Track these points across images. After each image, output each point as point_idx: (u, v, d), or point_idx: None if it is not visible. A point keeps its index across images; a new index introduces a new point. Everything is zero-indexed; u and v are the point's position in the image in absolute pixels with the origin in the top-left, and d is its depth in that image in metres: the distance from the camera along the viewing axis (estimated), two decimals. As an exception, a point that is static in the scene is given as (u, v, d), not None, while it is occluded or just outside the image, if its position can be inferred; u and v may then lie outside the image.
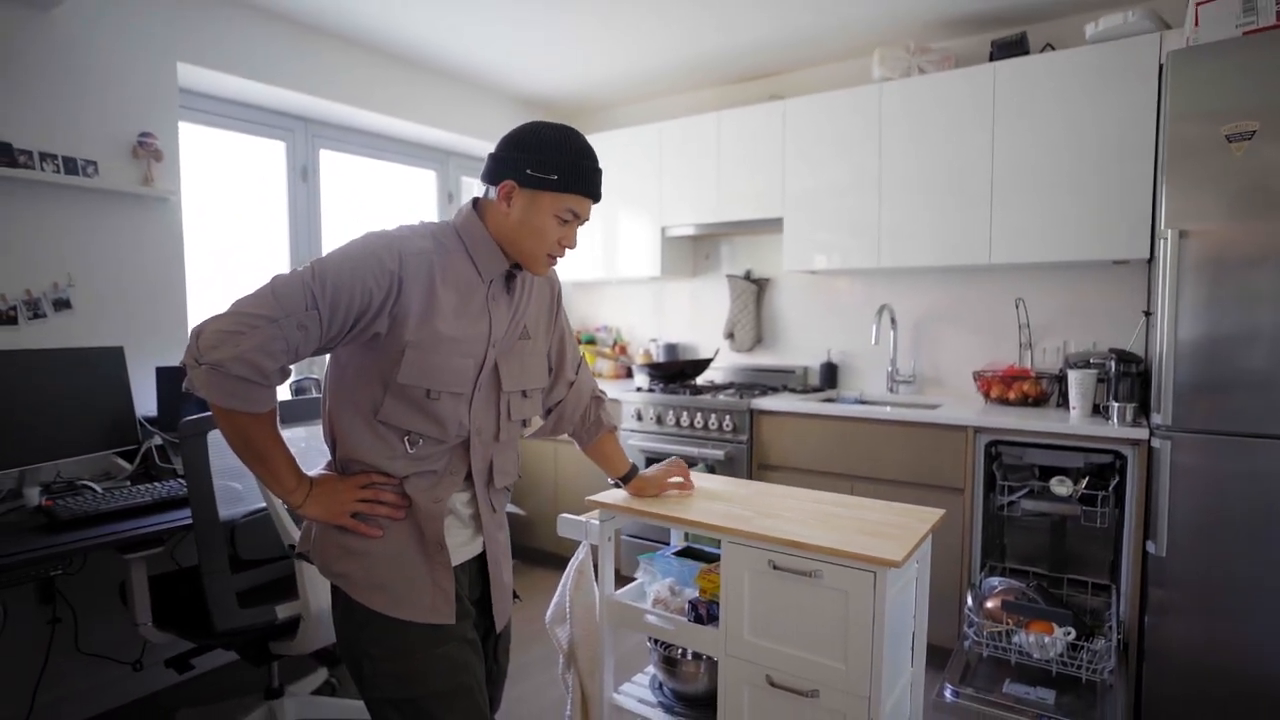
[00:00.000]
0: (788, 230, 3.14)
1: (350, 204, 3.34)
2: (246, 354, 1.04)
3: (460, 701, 1.19)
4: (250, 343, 1.05)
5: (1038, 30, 2.82)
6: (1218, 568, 2.01)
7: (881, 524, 1.44)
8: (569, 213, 1.22)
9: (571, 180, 1.20)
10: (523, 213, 1.21)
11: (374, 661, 1.18)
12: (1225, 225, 1.97)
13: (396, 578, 1.19)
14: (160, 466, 2.22)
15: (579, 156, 1.20)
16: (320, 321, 1.09)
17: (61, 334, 2.23)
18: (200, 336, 1.06)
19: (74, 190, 2.25)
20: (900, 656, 1.47)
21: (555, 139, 1.20)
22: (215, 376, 1.04)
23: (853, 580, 1.29)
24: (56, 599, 2.18)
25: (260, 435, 1.14)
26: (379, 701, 1.19)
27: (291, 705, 2.14)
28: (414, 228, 1.23)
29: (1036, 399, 2.68)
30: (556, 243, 1.23)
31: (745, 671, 1.43)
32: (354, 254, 1.13)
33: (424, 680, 1.18)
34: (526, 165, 1.19)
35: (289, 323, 1.07)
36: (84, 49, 2.26)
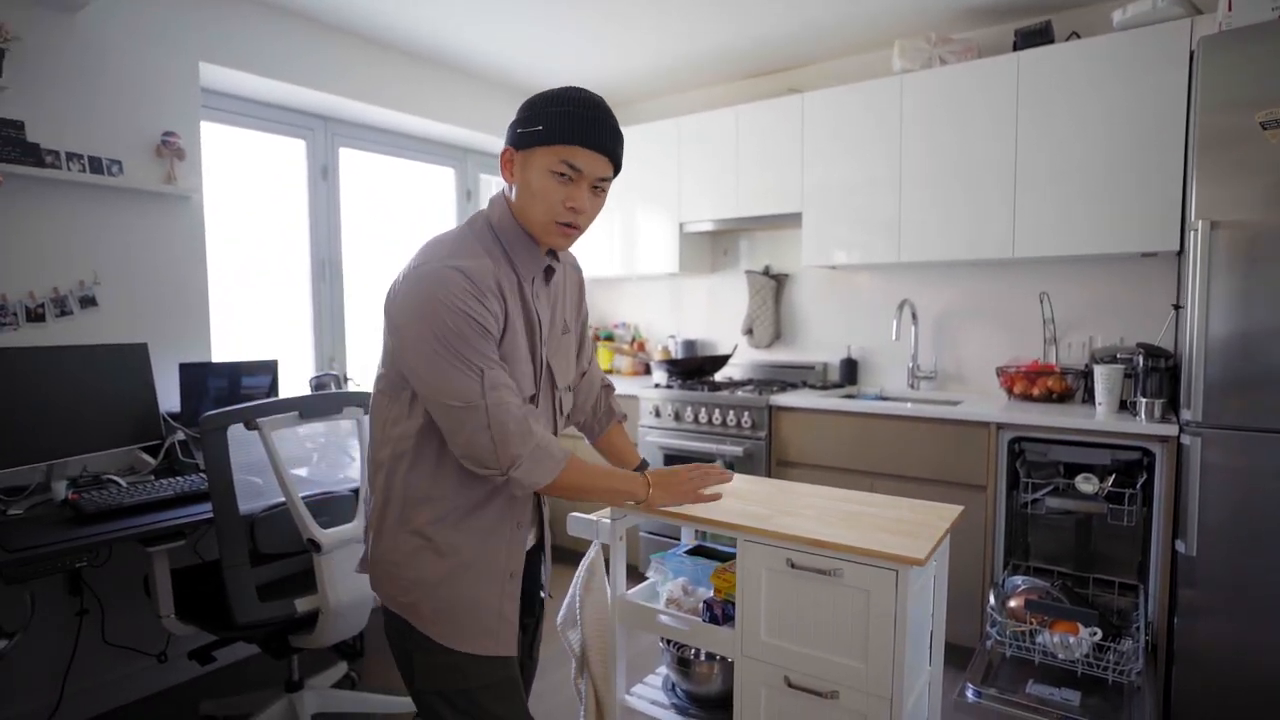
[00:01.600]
0: (807, 225, 3.11)
1: (370, 202, 3.37)
2: (506, 441, 1.09)
3: (508, 692, 1.21)
4: (497, 434, 1.09)
5: (1063, 18, 2.76)
6: (1250, 568, 1.96)
7: (901, 521, 1.42)
8: (565, 165, 1.12)
9: (558, 128, 1.10)
10: (522, 177, 1.15)
11: (427, 654, 1.18)
12: (1259, 215, 1.91)
13: (465, 613, 1.19)
14: (183, 461, 2.25)
15: (570, 105, 1.12)
16: (496, 365, 1.12)
17: (87, 331, 2.27)
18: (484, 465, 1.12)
19: (99, 189, 2.29)
20: (919, 656, 1.44)
21: (546, 94, 1.13)
22: (518, 472, 1.11)
23: (874, 579, 1.27)
24: (84, 591, 2.22)
25: (582, 477, 1.21)
26: (429, 694, 1.19)
27: (311, 698, 2.16)
28: (457, 248, 1.15)
29: (1061, 395, 2.62)
30: (562, 205, 1.14)
31: (762, 672, 1.41)
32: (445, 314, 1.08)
33: (476, 673, 1.19)
34: (517, 125, 1.15)
35: (490, 395, 1.09)
36: (108, 50, 2.30)
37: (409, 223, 3.56)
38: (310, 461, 2.10)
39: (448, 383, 1.08)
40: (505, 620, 1.22)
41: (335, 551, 1.88)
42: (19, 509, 1.88)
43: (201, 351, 2.57)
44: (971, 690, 2.02)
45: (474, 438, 1.09)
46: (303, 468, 2.05)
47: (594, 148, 1.13)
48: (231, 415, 1.74)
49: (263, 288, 2.99)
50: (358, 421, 2.00)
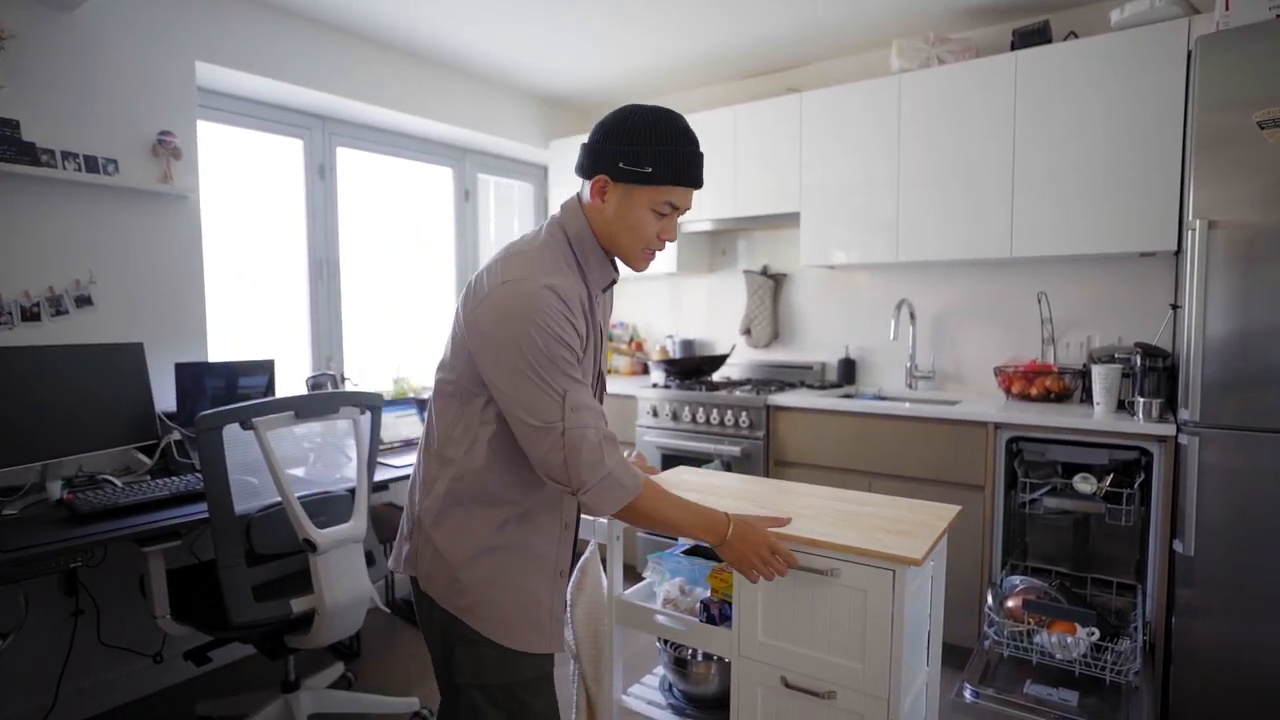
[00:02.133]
0: (805, 225, 3.10)
1: (367, 202, 3.36)
2: (579, 466, 1.10)
3: (545, 687, 1.25)
4: (570, 457, 1.10)
5: (1061, 18, 2.76)
6: (1248, 567, 1.95)
7: (899, 521, 1.42)
8: (666, 205, 1.17)
9: (667, 172, 1.14)
10: (618, 208, 1.17)
11: (471, 647, 1.19)
12: (1257, 215, 1.91)
13: (519, 612, 1.21)
14: (179, 461, 2.25)
15: (675, 143, 1.14)
16: (579, 385, 1.13)
17: (83, 331, 2.26)
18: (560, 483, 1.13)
19: (95, 188, 2.28)
20: (917, 656, 1.44)
21: (648, 127, 1.13)
22: (585, 496, 1.13)
23: (872, 579, 1.27)
24: (79, 591, 2.21)
25: (655, 507, 1.20)
26: (470, 688, 1.21)
27: (308, 698, 2.15)
28: (544, 265, 1.15)
29: (1059, 395, 2.62)
30: (655, 237, 1.19)
31: (759, 673, 1.41)
32: (536, 333, 1.09)
33: (519, 668, 1.21)
34: (619, 158, 1.13)
35: (570, 417, 1.10)
36: (104, 49, 2.29)
37: (407, 223, 3.56)
38: (307, 461, 2.09)
39: (530, 401, 1.09)
40: (555, 618, 1.26)
41: (331, 551, 1.88)
42: (13, 509, 1.87)
43: (198, 351, 2.56)
44: (969, 690, 2.02)
45: (548, 457, 1.11)
46: (299, 468, 2.04)
47: (692, 185, 1.18)
48: (227, 415, 1.73)
49: (260, 287, 2.98)
50: (354, 422, 2.00)
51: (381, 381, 3.30)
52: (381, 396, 2.09)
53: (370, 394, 2.05)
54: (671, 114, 1.16)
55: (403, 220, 3.54)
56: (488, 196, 3.97)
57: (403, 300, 3.54)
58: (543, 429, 1.09)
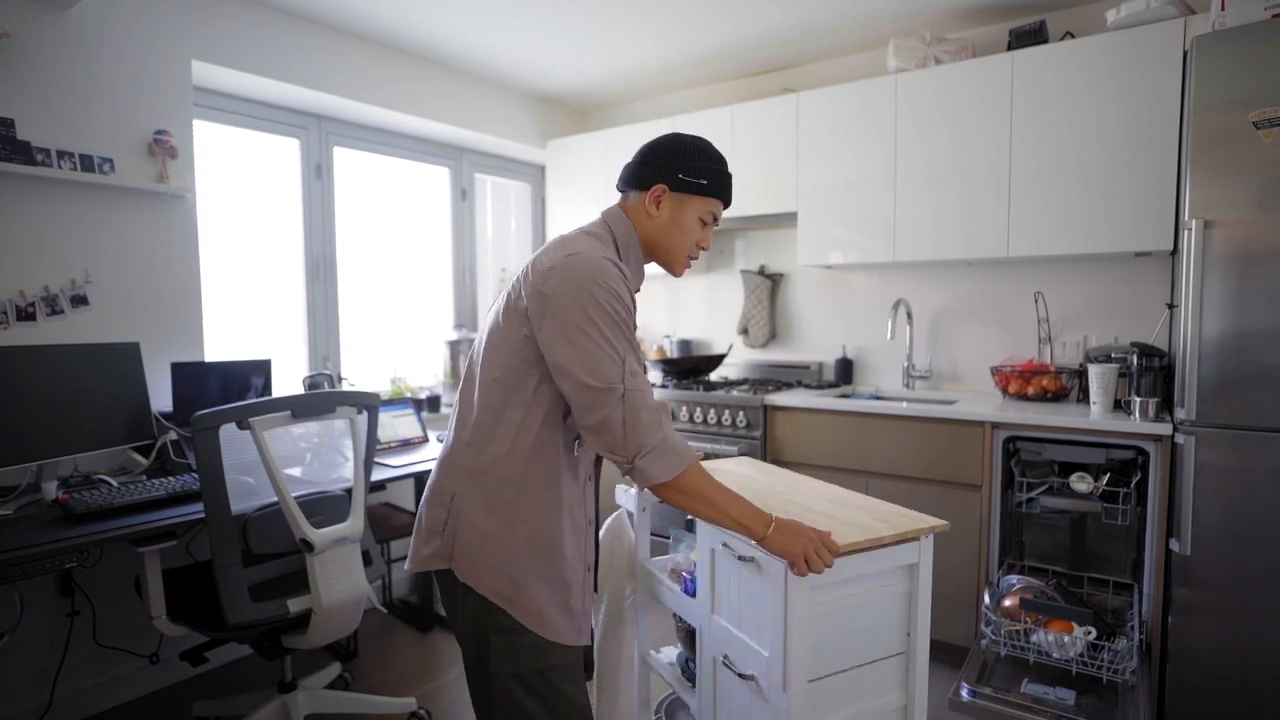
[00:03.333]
0: (802, 225, 3.11)
1: (364, 201, 3.35)
2: (639, 428, 1.15)
3: (577, 674, 1.28)
4: (630, 418, 1.14)
5: (1057, 18, 2.77)
6: (1244, 566, 1.96)
7: (849, 524, 1.37)
8: (711, 215, 1.33)
9: (717, 187, 1.31)
10: (671, 214, 1.30)
11: (507, 636, 1.22)
12: (1252, 215, 1.92)
13: (559, 608, 1.25)
14: (175, 461, 2.24)
15: (720, 164, 1.32)
16: (638, 358, 1.20)
17: (79, 330, 2.25)
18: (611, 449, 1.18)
19: (90, 188, 2.27)
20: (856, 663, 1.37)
21: (699, 147, 1.31)
22: (643, 460, 1.16)
23: (776, 569, 1.28)
24: (75, 592, 2.20)
25: (704, 484, 1.22)
26: (504, 675, 1.23)
27: (304, 699, 2.15)
28: (599, 246, 1.25)
29: (1056, 394, 2.62)
30: (696, 243, 1.34)
31: (710, 647, 1.50)
32: (603, 295, 1.16)
33: (553, 654, 1.24)
34: (678, 170, 1.29)
35: (630, 381, 1.15)
36: (100, 48, 2.29)
37: (404, 222, 3.55)
38: (304, 461, 2.09)
39: (591, 361, 1.14)
40: (585, 613, 1.30)
41: (328, 551, 1.88)
42: (8, 509, 1.86)
43: (194, 351, 2.56)
44: (966, 689, 2.02)
45: (607, 420, 1.14)
46: (296, 467, 2.04)
47: (728, 203, 1.37)
48: (223, 415, 1.73)
49: (256, 287, 2.97)
50: (351, 421, 1.99)
51: (379, 381, 3.30)
52: (378, 396, 2.09)
53: (367, 394, 2.04)
54: (711, 143, 1.35)
55: (400, 220, 3.54)
56: (485, 196, 3.97)
57: (400, 300, 3.53)
58: (604, 390, 1.13)
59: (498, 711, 1.25)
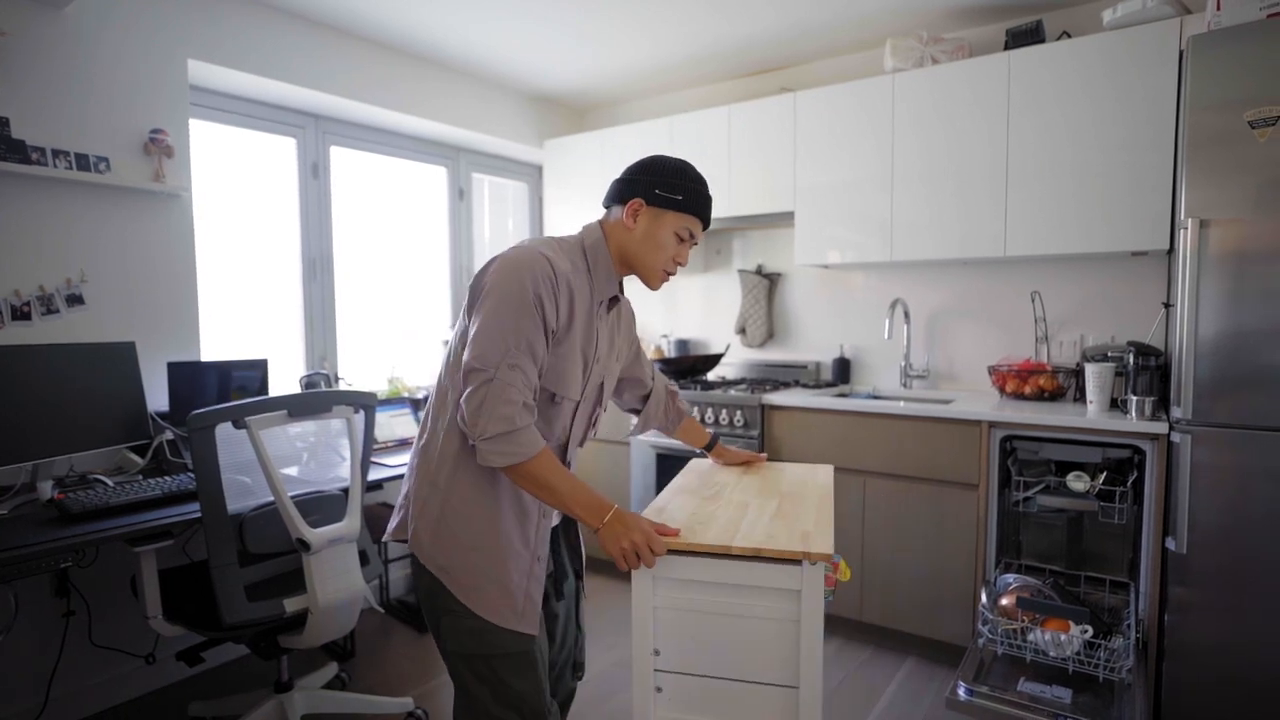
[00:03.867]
0: (799, 224, 3.11)
1: (361, 201, 3.35)
2: (490, 415, 1.18)
3: (525, 666, 1.29)
4: (487, 403, 1.18)
5: (1054, 18, 2.77)
6: (1240, 565, 1.96)
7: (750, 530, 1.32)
8: (687, 231, 1.37)
9: (692, 203, 1.36)
10: (647, 228, 1.35)
11: (454, 617, 1.27)
12: (1248, 214, 1.92)
13: (494, 584, 1.28)
14: (171, 461, 2.23)
15: (699, 184, 1.38)
16: (529, 354, 1.22)
17: (74, 329, 2.25)
18: (466, 424, 1.21)
19: (86, 187, 2.27)
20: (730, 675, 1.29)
21: (679, 166, 1.37)
22: (485, 445, 1.19)
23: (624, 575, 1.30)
24: (70, 592, 2.20)
25: (545, 474, 1.23)
26: (453, 655, 1.30)
27: (301, 699, 2.14)
28: (554, 246, 1.32)
29: (1053, 393, 2.63)
30: (672, 259, 1.38)
31: None
32: (516, 287, 1.22)
33: (496, 642, 1.27)
34: (655, 186, 1.35)
35: (504, 372, 1.19)
36: (95, 46, 2.28)
37: (401, 222, 3.55)
38: (300, 461, 2.08)
39: (482, 339, 1.20)
40: (530, 600, 1.31)
41: (325, 551, 1.87)
42: (3, 509, 1.85)
43: (191, 351, 2.55)
44: (963, 688, 2.02)
45: (470, 397, 1.20)
46: (293, 467, 2.03)
47: (707, 222, 1.42)
48: (219, 414, 1.72)
49: (253, 286, 2.97)
50: (348, 420, 1.99)
51: (376, 381, 3.29)
52: (375, 396, 2.09)
53: (363, 393, 2.04)
54: (692, 164, 1.41)
55: (397, 219, 3.53)
56: (482, 196, 3.97)
57: (397, 300, 3.53)
58: (477, 370, 1.19)
59: (456, 689, 1.33)
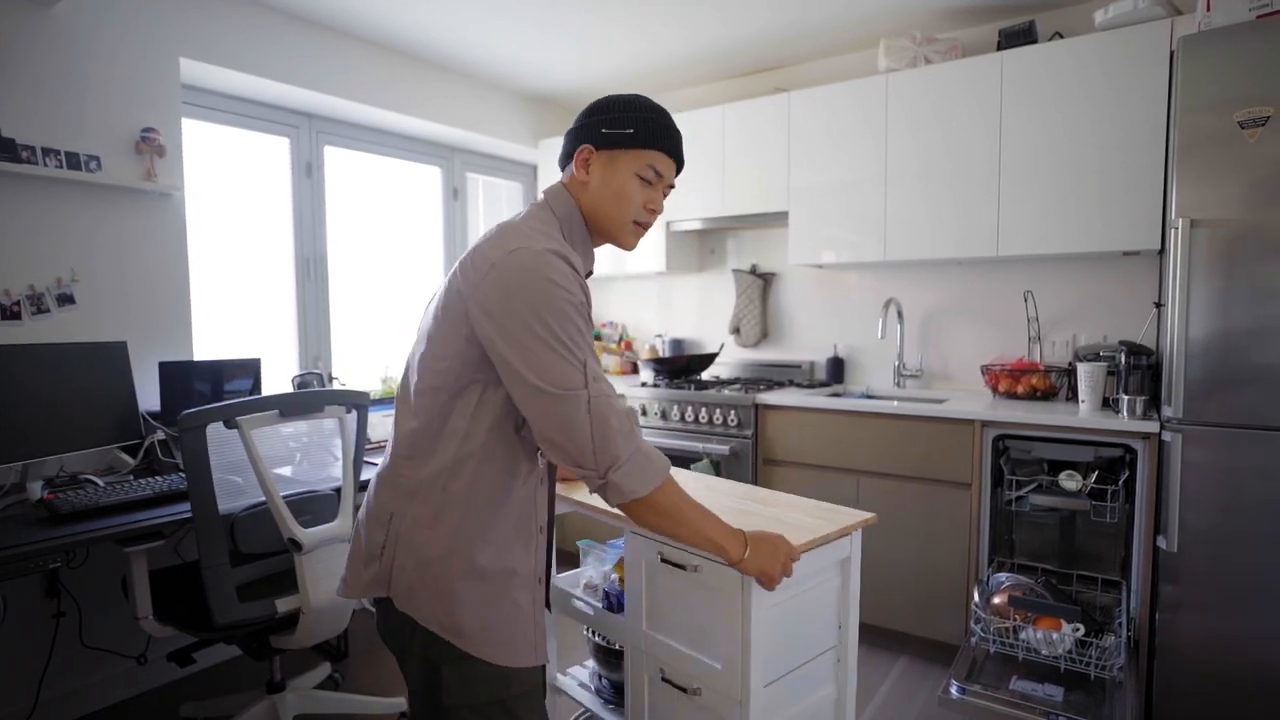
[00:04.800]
0: (793, 224, 3.11)
1: (355, 200, 3.34)
2: (611, 439, 1.03)
3: (538, 702, 1.19)
4: (598, 428, 1.02)
5: (1046, 18, 2.78)
6: (1230, 563, 1.97)
7: (789, 523, 1.37)
8: (650, 170, 1.15)
9: (647, 134, 1.14)
10: (602, 176, 1.15)
11: (459, 665, 1.09)
12: (1238, 214, 1.93)
13: (507, 626, 1.12)
14: (163, 461, 2.23)
15: (652, 113, 1.16)
16: (591, 349, 1.07)
17: (65, 329, 2.24)
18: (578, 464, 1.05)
19: (77, 185, 2.26)
20: (802, 664, 1.37)
21: (627, 99, 1.16)
22: (617, 474, 1.04)
23: (726, 578, 1.23)
24: (61, 593, 2.19)
25: (681, 501, 1.12)
26: (461, 708, 1.10)
27: (293, 699, 2.14)
28: (541, 234, 1.10)
29: (1045, 393, 2.64)
30: (642, 207, 1.17)
31: (644, 664, 1.42)
32: (555, 290, 1.03)
33: (514, 681, 1.12)
34: (601, 125, 1.14)
35: (594, 386, 1.03)
36: (86, 44, 2.27)
37: (395, 222, 3.54)
38: (293, 461, 2.08)
39: (546, 368, 1.00)
40: (539, 627, 1.18)
41: (317, 551, 1.87)
42: (-7, 509, 1.85)
43: (183, 350, 2.54)
44: (956, 687, 2.02)
45: (570, 430, 1.01)
46: (286, 467, 2.03)
47: (673, 155, 1.19)
48: (210, 413, 1.72)
49: (246, 286, 2.96)
50: (340, 420, 1.98)
51: (369, 381, 3.28)
52: (367, 395, 2.08)
53: (356, 392, 2.03)
54: (645, 96, 1.20)
55: (391, 219, 3.53)
56: (476, 196, 3.96)
57: (391, 300, 3.52)
58: (565, 397, 1.00)
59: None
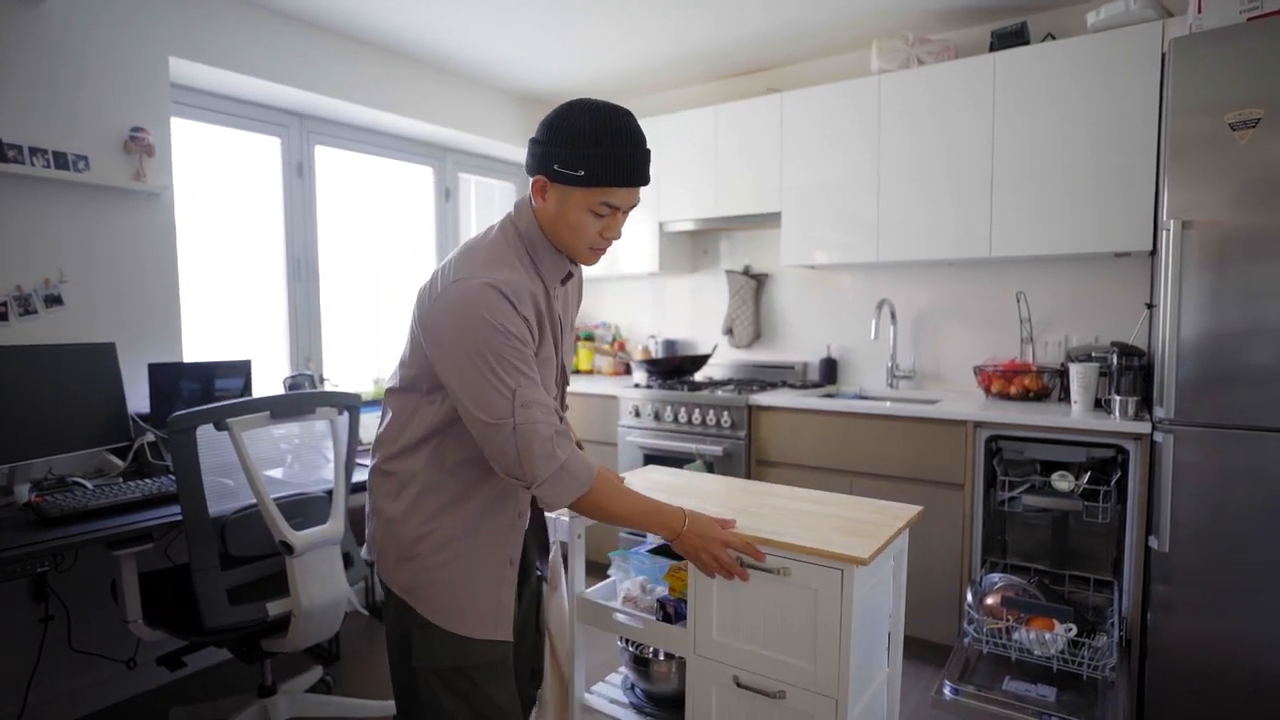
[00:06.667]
0: (786, 225, 3.11)
1: (346, 200, 3.32)
2: (531, 461, 1.13)
3: (502, 674, 1.26)
4: (523, 452, 1.12)
5: (1038, 20, 2.79)
6: (1221, 563, 1.98)
7: (855, 521, 1.41)
8: (603, 206, 1.16)
9: (601, 174, 1.13)
10: (557, 207, 1.18)
11: (425, 630, 1.22)
12: (1229, 216, 1.94)
13: (464, 596, 1.23)
14: (153, 463, 2.21)
15: (610, 145, 1.12)
16: (529, 379, 1.14)
17: (53, 330, 2.22)
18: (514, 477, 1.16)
19: (65, 185, 2.23)
20: (874, 656, 1.44)
21: (585, 128, 1.12)
22: (540, 489, 1.15)
23: (821, 578, 1.26)
24: (49, 597, 2.17)
25: (610, 500, 1.22)
26: (426, 671, 1.23)
27: (285, 703, 2.12)
28: (493, 260, 1.17)
29: (1038, 393, 2.64)
30: (598, 234, 1.20)
31: (713, 672, 1.40)
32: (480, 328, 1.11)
33: (474, 652, 1.23)
34: (554, 160, 1.14)
35: (520, 413, 1.12)
36: (74, 43, 2.25)
37: (387, 222, 3.52)
38: (285, 463, 2.07)
39: (480, 397, 1.12)
40: (502, 605, 1.27)
41: (308, 553, 1.85)
42: (-20, 513, 1.82)
43: (173, 352, 2.52)
44: (949, 687, 2.03)
45: (502, 452, 1.13)
46: (277, 469, 2.02)
47: (632, 185, 1.17)
48: (200, 416, 1.70)
49: (237, 287, 2.94)
50: (332, 422, 1.97)
51: (362, 382, 3.26)
52: (359, 396, 2.07)
53: (347, 394, 2.02)
54: (614, 112, 1.14)
55: (383, 220, 3.51)
56: (469, 196, 3.95)
57: (383, 300, 3.50)
58: (495, 425, 1.12)
59: (423, 708, 1.24)
